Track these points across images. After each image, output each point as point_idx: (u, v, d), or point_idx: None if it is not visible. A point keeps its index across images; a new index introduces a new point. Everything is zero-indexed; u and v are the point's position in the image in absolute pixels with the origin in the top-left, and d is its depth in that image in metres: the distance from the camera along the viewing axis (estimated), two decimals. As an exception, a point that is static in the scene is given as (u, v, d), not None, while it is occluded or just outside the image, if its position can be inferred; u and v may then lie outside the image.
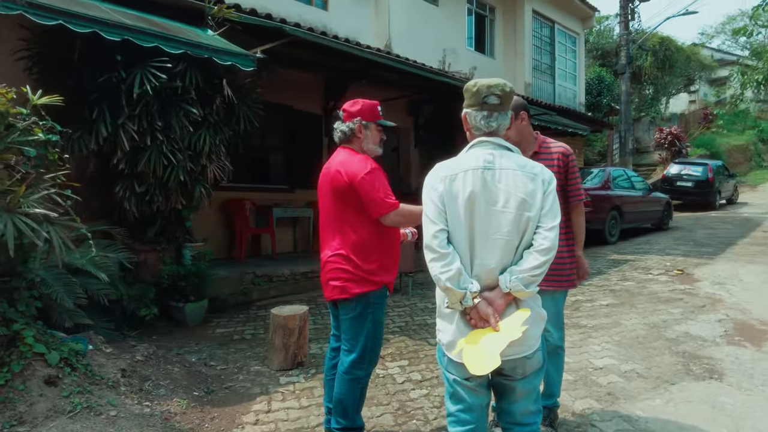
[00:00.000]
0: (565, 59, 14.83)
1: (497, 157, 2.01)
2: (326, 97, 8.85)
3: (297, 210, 8.14)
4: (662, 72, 24.83)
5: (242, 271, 6.36)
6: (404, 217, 2.66)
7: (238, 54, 4.75)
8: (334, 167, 2.68)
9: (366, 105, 2.81)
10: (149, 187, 4.64)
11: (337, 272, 2.67)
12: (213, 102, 4.83)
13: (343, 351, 2.75)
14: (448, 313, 2.03)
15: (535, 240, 1.95)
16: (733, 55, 37.06)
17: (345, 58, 7.38)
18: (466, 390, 2.01)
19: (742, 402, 3.35)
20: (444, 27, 11.10)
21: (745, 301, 5.70)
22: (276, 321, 4.12)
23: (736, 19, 43.86)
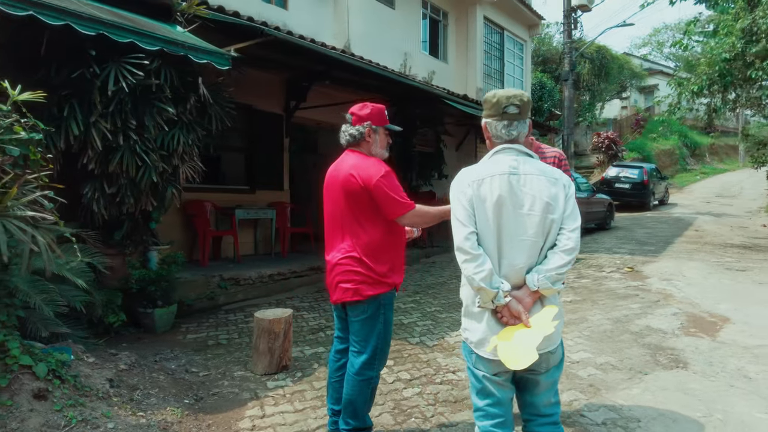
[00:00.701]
0: (513, 65, 15.33)
1: (521, 162, 2.11)
2: (287, 97, 8.75)
3: (259, 211, 7.99)
4: (598, 79, 26.15)
5: (208, 275, 6.18)
6: (421, 217, 2.70)
7: (214, 52, 4.63)
8: (346, 170, 2.69)
9: (375, 109, 2.83)
10: (120, 188, 4.44)
11: (349, 274, 2.68)
12: (187, 101, 4.69)
13: (353, 353, 2.76)
14: (477, 312, 2.10)
15: (560, 240, 2.06)
16: (659, 65, 39.62)
17: (313, 60, 7.34)
18: (495, 385, 2.09)
19: (709, 388, 3.63)
20: (400, 30, 11.22)
21: (692, 296, 6.13)
22: (261, 325, 4.05)
23: (660, 32, 47.04)
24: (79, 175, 4.35)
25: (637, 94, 37.02)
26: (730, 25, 9.39)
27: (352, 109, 2.84)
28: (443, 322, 5.33)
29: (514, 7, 14.38)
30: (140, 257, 5.11)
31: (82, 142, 4.13)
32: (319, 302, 6.32)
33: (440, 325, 5.25)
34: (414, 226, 2.76)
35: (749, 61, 8.96)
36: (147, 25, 4.34)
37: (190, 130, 4.80)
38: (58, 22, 3.57)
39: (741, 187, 22.66)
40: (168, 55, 4.30)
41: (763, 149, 11.73)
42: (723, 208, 17.07)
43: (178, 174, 4.81)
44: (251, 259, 7.79)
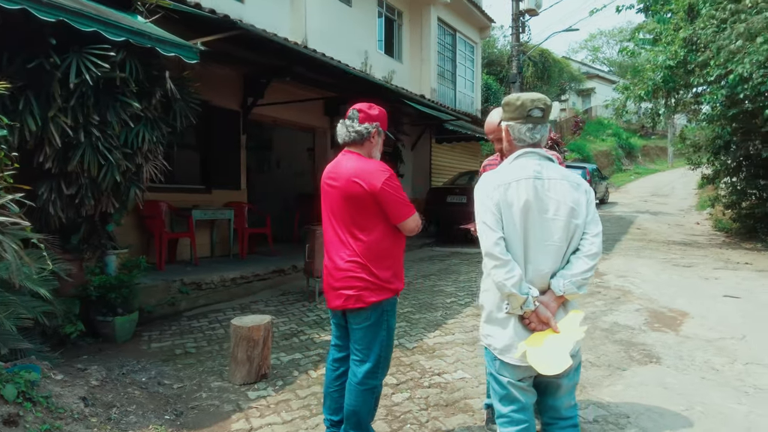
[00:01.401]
0: (464, 67, 15.55)
1: (544, 167, 2.10)
2: (244, 92, 8.45)
3: (217, 212, 7.68)
4: (541, 81, 27.03)
5: (168, 279, 5.86)
6: (417, 222, 2.64)
7: (182, 45, 4.37)
8: (348, 174, 2.57)
9: (382, 111, 2.74)
10: (80, 189, 4.12)
11: (352, 280, 2.58)
12: (152, 96, 4.41)
13: (355, 361, 2.66)
14: (502, 318, 2.06)
15: (583, 245, 2.05)
16: (595, 69, 41.48)
17: (273, 55, 7.12)
18: (520, 391, 2.07)
19: (684, 381, 3.78)
20: (357, 28, 11.11)
21: (650, 292, 6.40)
22: (239, 333, 3.86)
23: (596, 37, 49.32)
24: (34, 175, 3.99)
25: (575, 96, 38.59)
26: (672, 34, 9.90)
27: (359, 106, 2.72)
28: (418, 323, 5.30)
29: (466, 9, 14.58)
30: (98, 262, 4.77)
31: (39, 138, 3.79)
32: (285, 306, 6.14)
33: (416, 326, 5.21)
34: (412, 231, 2.69)
35: (690, 69, 9.48)
36: (110, 14, 4.04)
37: (155, 126, 4.52)
38: (13, 5, 3.25)
39: (672, 187, 24.07)
40: (133, 46, 4.02)
41: (698, 152, 12.49)
42: (659, 206, 18.05)
43: (141, 173, 4.51)
44: (208, 261, 7.47)
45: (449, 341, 4.75)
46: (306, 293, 6.68)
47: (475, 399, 3.52)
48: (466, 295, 6.55)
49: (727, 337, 4.74)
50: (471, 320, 5.42)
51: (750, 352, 4.37)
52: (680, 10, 9.76)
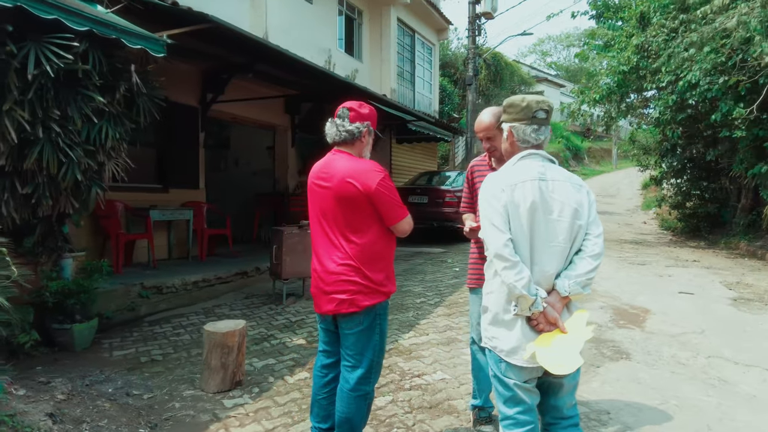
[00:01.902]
0: (423, 68, 15.64)
1: (547, 168, 2.11)
2: (203, 89, 8.18)
3: (175, 212, 7.40)
4: (493, 84, 27.58)
5: (127, 283, 5.60)
6: (410, 224, 2.60)
7: (149, 38, 4.17)
8: (341, 174, 2.49)
9: (373, 111, 2.67)
10: (36, 188, 3.84)
11: (344, 284, 2.50)
12: (116, 90, 4.17)
13: (347, 367, 2.58)
14: (508, 320, 2.05)
15: (586, 246, 2.07)
16: (544, 73, 42.70)
17: (235, 51, 6.92)
18: (526, 392, 2.07)
19: (655, 376, 3.90)
20: (318, 26, 10.96)
21: (611, 290, 6.61)
22: (213, 339, 3.71)
23: (544, 42, 50.81)
24: (-16, 173, 3.70)
25: (525, 100, 39.48)
26: (625, 41, 10.29)
27: (350, 104, 2.64)
28: (391, 325, 5.25)
29: (425, 10, 14.66)
30: (54, 266, 4.47)
31: (-9, 133, 3.51)
32: (252, 309, 5.96)
33: (389, 327, 5.15)
34: (405, 233, 2.64)
35: (642, 75, 9.87)
36: (71, 2, 3.78)
37: (118, 122, 4.28)
38: (-34, -11, 3.00)
39: (618, 188, 25.06)
40: (97, 37, 3.79)
41: (647, 154, 13.05)
42: (606, 206, 18.75)
43: (103, 172, 4.27)
44: (167, 264, 7.19)
45: (424, 342, 4.73)
46: (272, 296, 6.52)
47: (458, 400, 3.51)
48: (434, 295, 6.56)
49: (688, 331, 4.95)
50: (443, 320, 5.43)
51: (710, 346, 4.57)
52: (632, 17, 10.15)
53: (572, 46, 51.88)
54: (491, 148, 3.04)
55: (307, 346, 4.67)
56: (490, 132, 3.00)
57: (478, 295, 3.14)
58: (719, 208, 11.68)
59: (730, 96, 8.21)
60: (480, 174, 3.22)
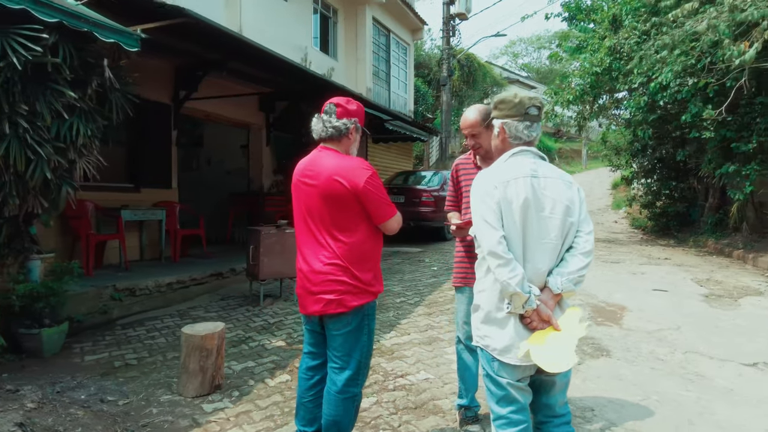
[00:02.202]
0: (398, 68, 15.63)
1: (539, 165, 2.10)
2: (176, 86, 7.99)
3: (147, 212, 7.20)
4: (467, 85, 27.78)
5: (98, 286, 5.41)
6: (399, 222, 2.56)
7: (122, 31, 4.03)
8: (328, 171, 2.43)
9: (360, 107, 2.62)
10: (2, 186, 3.67)
11: (332, 284, 2.44)
12: (87, 85, 4.02)
13: (334, 369, 2.52)
14: (500, 319, 2.03)
15: (578, 243, 2.06)
16: (516, 74, 43.24)
17: (209, 47, 6.78)
18: (519, 391, 2.05)
19: (636, 372, 3.95)
20: (293, 24, 10.83)
21: (587, 288, 6.69)
22: (191, 342, 3.60)
23: (516, 44, 51.45)
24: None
25: (497, 101, 39.90)
26: (598, 43, 10.46)
27: (337, 100, 2.58)
28: (371, 326, 5.20)
29: (400, 10, 14.66)
30: (21, 269, 4.29)
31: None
32: (228, 311, 5.84)
33: (369, 328, 5.11)
34: (393, 231, 2.59)
35: (614, 76, 10.05)
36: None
37: (90, 119, 4.12)
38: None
39: (588, 188, 25.48)
40: (67, 30, 3.64)
41: (618, 155, 13.32)
42: (578, 206, 19.02)
43: (74, 170, 4.11)
44: (139, 265, 6.99)
45: (406, 342, 4.69)
46: (249, 297, 6.40)
47: (443, 400, 3.49)
48: (414, 295, 6.54)
49: (664, 328, 5.03)
50: (424, 319, 5.41)
51: (686, 342, 4.66)
52: (605, 20, 10.32)
53: (543, 48, 52.71)
54: (476, 146, 3.02)
55: (286, 348, 4.58)
56: (476, 129, 2.98)
57: (464, 294, 3.12)
58: (688, 207, 11.99)
59: (699, 98, 8.42)
60: (465, 172, 3.21)
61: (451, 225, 3.08)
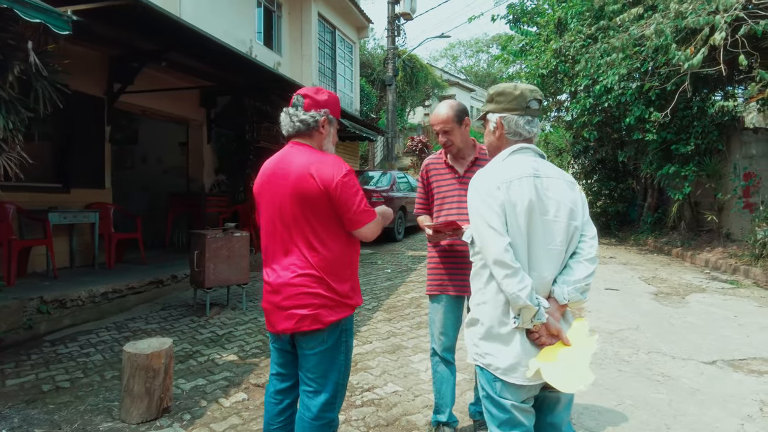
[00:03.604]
0: (344, 66, 15.34)
1: (540, 164, 1.93)
2: (110, 77, 7.37)
3: (79, 214, 6.58)
4: (409, 86, 27.85)
5: (22, 297, 4.83)
6: (378, 225, 2.30)
7: (50, 12, 3.55)
8: (299, 168, 2.15)
9: (332, 97, 2.34)
10: None
11: (305, 297, 2.15)
12: (8, 71, 3.52)
13: (308, 393, 2.24)
14: (504, 334, 1.83)
15: (582, 249, 1.91)
16: (455, 77, 43.91)
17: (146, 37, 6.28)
18: (523, 413, 1.86)
19: (606, 376, 3.89)
20: (236, 16, 10.33)
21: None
22: (135, 362, 3.21)
23: (455, 47, 52.31)
24: None
25: (437, 102, 40.45)
26: (543, 45, 10.62)
27: (304, 90, 2.30)
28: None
29: (346, 7, 14.38)
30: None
31: None
32: (170, 322, 5.39)
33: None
34: (370, 238, 2.33)
35: (560, 78, 10.23)
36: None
37: (11, 110, 3.62)
38: None
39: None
40: (-17, 6, 3.15)
41: (560, 156, 13.65)
42: (520, 206, 19.44)
43: (-7, 168, 3.60)
44: (69, 273, 6.38)
45: (369, 351, 4.46)
46: (192, 306, 5.96)
47: (416, 415, 3.28)
48: (371, 299, 6.31)
49: (624, 328, 5.06)
50: (384, 326, 5.19)
51: (647, 342, 4.69)
52: (550, 23, 10.49)
53: (481, 52, 53.94)
54: (448, 143, 2.84)
55: (239, 362, 4.23)
56: (448, 125, 2.80)
57: (440, 303, 2.93)
58: (627, 206, 12.44)
59: (641, 101, 8.69)
60: (436, 172, 3.02)
61: (426, 229, 2.87)
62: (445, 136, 2.80)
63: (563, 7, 10.42)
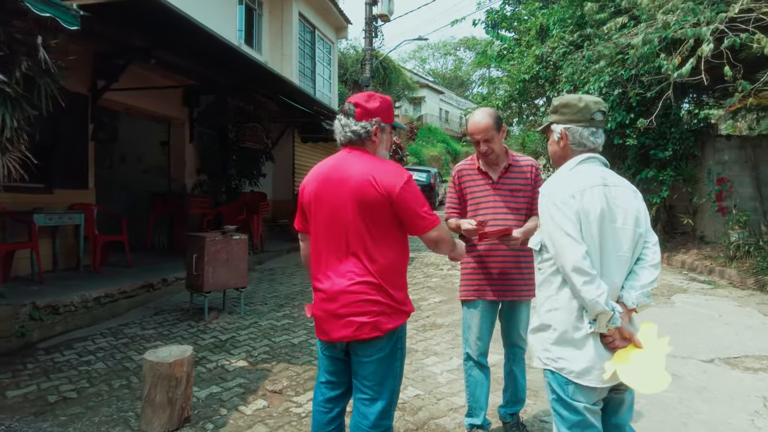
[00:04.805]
0: (323, 66, 15.24)
1: (607, 174, 1.99)
2: (95, 74, 7.11)
3: (64, 216, 6.32)
4: (383, 87, 27.89)
5: (13, 303, 4.61)
6: (446, 232, 2.29)
7: (59, 6, 3.42)
8: (360, 175, 2.12)
9: (384, 102, 2.30)
10: None
11: (365, 305, 2.13)
12: (15, 67, 3.36)
13: (364, 401, 2.22)
14: (578, 339, 1.88)
15: (647, 255, 1.97)
16: (425, 79, 44.22)
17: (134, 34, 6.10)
18: (594, 415, 1.92)
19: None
20: (217, 14, 10.09)
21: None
22: (157, 371, 3.11)
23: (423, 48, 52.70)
24: None
25: (407, 104, 40.69)
26: (525, 50, 10.81)
27: (355, 99, 2.26)
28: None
29: (326, 7, 14.29)
30: None
31: None
32: (167, 328, 5.25)
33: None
34: (436, 245, 2.28)
35: (541, 83, 10.44)
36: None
37: (17, 107, 3.46)
38: None
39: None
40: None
41: (538, 159, 13.92)
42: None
43: (-3, 169, 3.43)
44: (53, 277, 6.12)
45: (380, 355, 4.44)
46: (187, 311, 5.82)
47: (443, 418, 3.29)
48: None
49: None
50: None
51: (646, 343, 4.83)
52: (532, 28, 10.69)
53: (449, 55, 54.54)
54: (488, 151, 2.85)
55: (250, 368, 4.15)
56: (489, 133, 2.82)
57: (477, 308, 2.95)
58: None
59: (622, 107, 8.94)
60: (469, 178, 3.03)
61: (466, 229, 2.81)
62: (487, 144, 2.81)
63: (544, 14, 10.64)
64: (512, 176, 2.93)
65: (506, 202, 2.89)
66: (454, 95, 50.01)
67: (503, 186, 2.93)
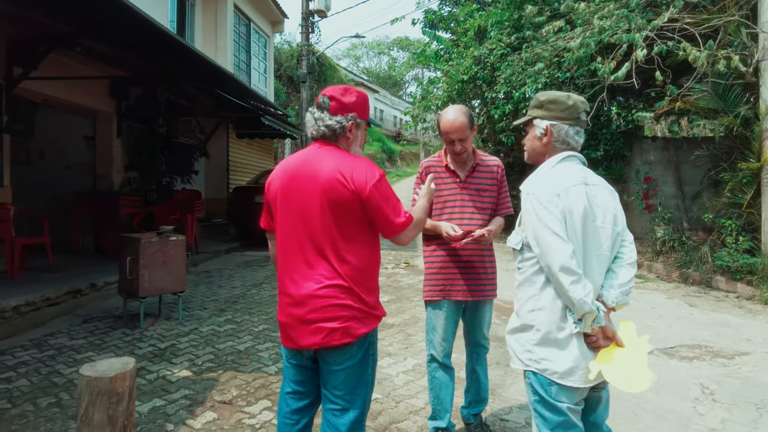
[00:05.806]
0: (258, 60, 14.81)
1: (586, 173, 2.00)
2: (9, 61, 6.49)
3: (-25, 217, 5.72)
4: (317, 84, 27.57)
5: None
6: (416, 229, 2.20)
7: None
8: (329, 172, 2.00)
9: (361, 97, 2.18)
10: None
11: (335, 310, 2.01)
12: None
13: (334, 411, 2.09)
14: (561, 339, 1.87)
15: (624, 253, 2.00)
16: (360, 78, 44.21)
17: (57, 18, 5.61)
18: (576, 415, 1.92)
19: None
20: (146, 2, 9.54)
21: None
22: (96, 386, 2.77)
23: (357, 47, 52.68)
24: None
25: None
26: (463, 51, 10.96)
27: (331, 91, 2.13)
28: (284, 342, 4.70)
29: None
30: None
31: None
32: (99, 336, 4.86)
33: (285, 345, 4.62)
34: (405, 243, 2.24)
35: (479, 84, 10.62)
36: None
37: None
38: None
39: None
40: None
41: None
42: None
43: None
44: (-37, 284, 5.52)
45: (333, 359, 4.31)
46: (120, 318, 5.42)
47: (404, 422, 3.22)
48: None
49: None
50: (338, 331, 5.05)
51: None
52: (470, 30, 10.85)
53: (382, 54, 54.82)
54: (462, 150, 2.81)
55: (195, 378, 3.90)
56: (465, 133, 2.78)
57: (442, 309, 2.90)
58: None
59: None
60: (436, 175, 2.97)
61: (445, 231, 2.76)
62: (461, 144, 2.77)
63: (482, 16, 10.82)
64: (479, 175, 2.90)
65: (473, 202, 2.86)
66: (389, 94, 50.33)
67: (470, 185, 2.89)
